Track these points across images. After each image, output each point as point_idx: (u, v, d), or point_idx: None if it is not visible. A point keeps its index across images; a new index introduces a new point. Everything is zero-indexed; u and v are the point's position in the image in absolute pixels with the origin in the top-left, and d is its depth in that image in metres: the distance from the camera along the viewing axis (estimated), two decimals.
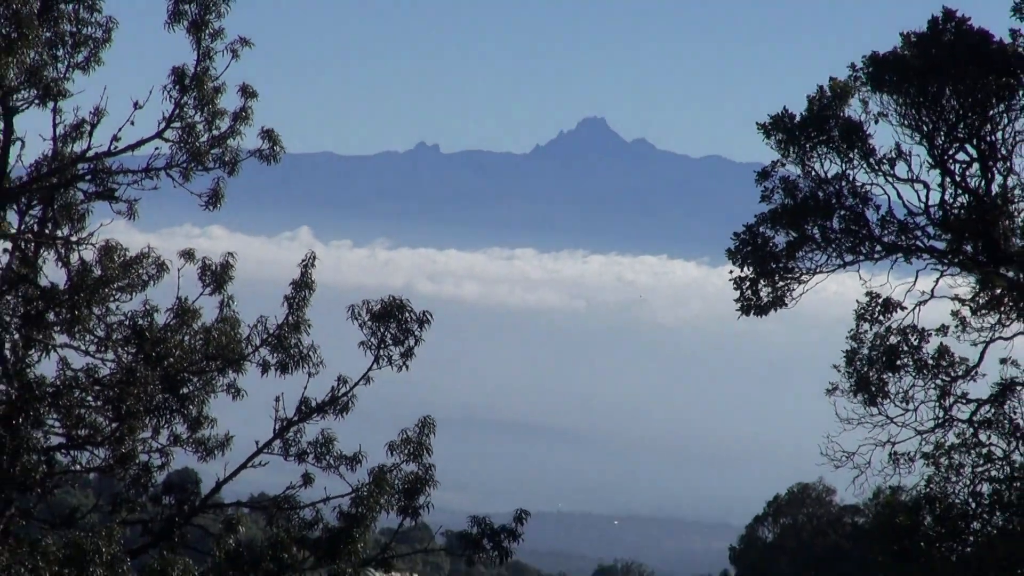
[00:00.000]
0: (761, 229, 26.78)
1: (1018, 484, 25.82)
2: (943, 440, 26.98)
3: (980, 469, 26.68)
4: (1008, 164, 26.15)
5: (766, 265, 26.60)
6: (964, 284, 27.21)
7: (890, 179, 26.76)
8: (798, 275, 26.84)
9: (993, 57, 25.63)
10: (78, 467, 23.02)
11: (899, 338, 27.02)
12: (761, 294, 26.89)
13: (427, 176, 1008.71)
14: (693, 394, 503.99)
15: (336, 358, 22.59)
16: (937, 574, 24.84)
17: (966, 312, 27.30)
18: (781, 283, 26.83)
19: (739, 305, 26.85)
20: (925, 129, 26.17)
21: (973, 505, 26.38)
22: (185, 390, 22.35)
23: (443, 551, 23.54)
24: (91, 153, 22.45)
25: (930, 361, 27.09)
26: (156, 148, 22.45)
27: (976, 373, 27.34)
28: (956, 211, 26.44)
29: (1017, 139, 26.13)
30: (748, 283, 26.87)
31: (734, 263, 27.01)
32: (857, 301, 27.11)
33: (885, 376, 26.83)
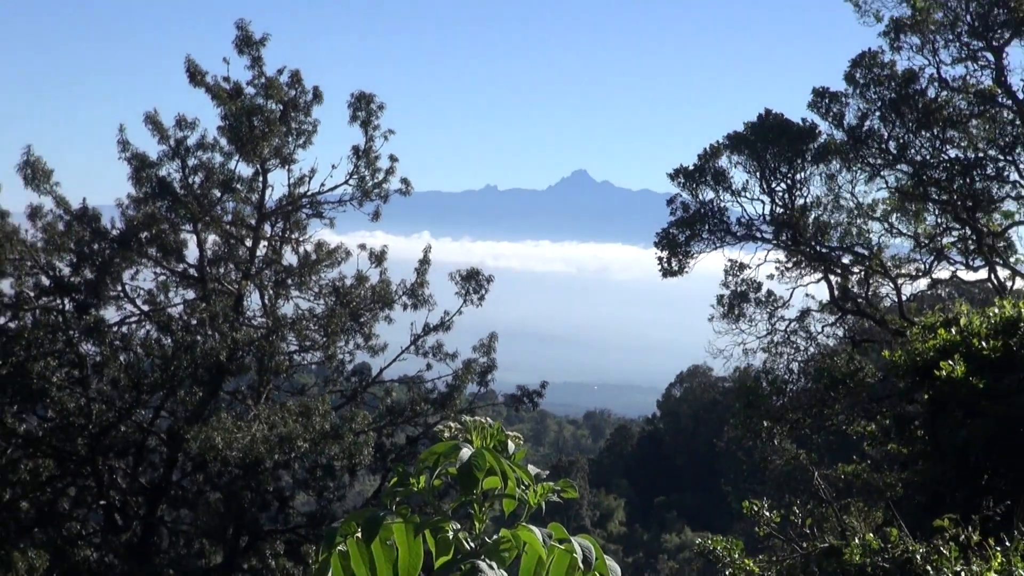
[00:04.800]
0: (671, 230, 36.02)
1: (812, 363, 35.00)
2: (772, 340, 36.39)
3: (792, 355, 36.46)
4: (803, 190, 35.69)
5: (674, 249, 36.02)
6: (781, 255, 36.66)
7: (740, 199, 35.95)
8: (691, 254, 36.15)
9: (793, 133, 35.08)
10: (305, 361, 31.24)
11: (746, 286, 36.47)
12: (672, 265, 35.99)
13: (490, 204, 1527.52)
14: (639, 317, 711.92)
15: (443, 301, 31.70)
16: (768, 415, 33.11)
17: (782, 270, 36.72)
18: (682, 259, 36.12)
19: (660, 271, 36.09)
20: (758, 172, 35.59)
21: (789, 375, 35.63)
22: (362, 319, 30.10)
23: (502, 404, 32.56)
24: (309, 192, 30.44)
25: (763, 298, 36.58)
26: (344, 190, 30.68)
27: (788, 304, 36.75)
28: (776, 216, 35.67)
29: (807, 176, 35.71)
30: (665, 260, 36.02)
31: (657, 248, 36.18)
32: (724, 267, 36.45)
33: (739, 307, 36.41)
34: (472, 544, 4.06)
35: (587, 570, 3.96)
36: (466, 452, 4.00)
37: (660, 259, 36.10)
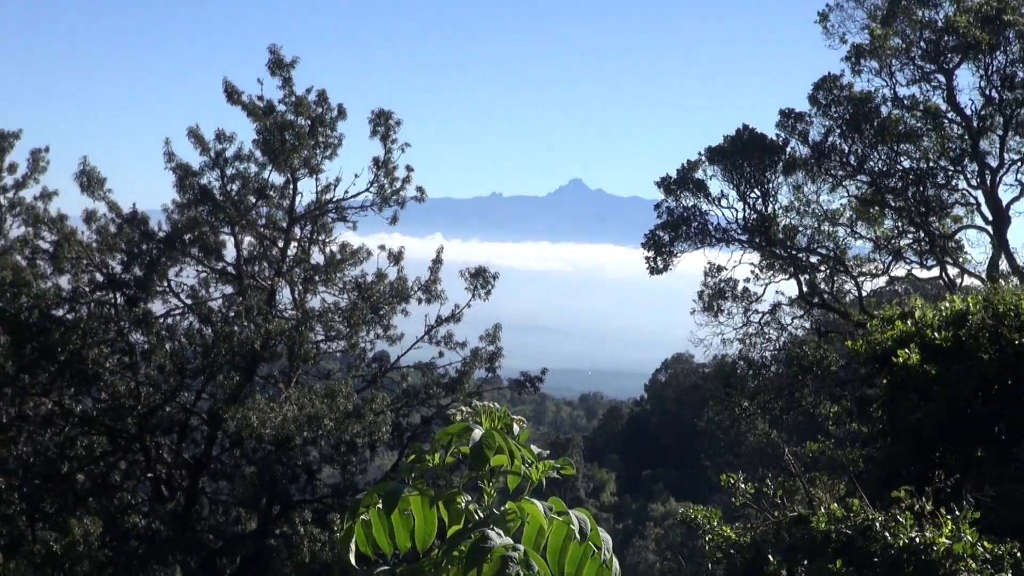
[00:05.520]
0: (657, 232, 36.02)
1: (783, 352, 35.32)
2: (747, 331, 36.47)
3: (765, 345, 36.60)
4: (774, 198, 35.80)
5: (659, 250, 36.01)
6: (755, 256, 36.52)
7: (718, 206, 35.92)
8: (675, 254, 36.11)
9: (765, 147, 35.20)
10: (330, 349, 30.99)
11: (724, 283, 36.51)
12: (658, 264, 35.94)
13: (496, 209, 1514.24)
14: (629, 310, 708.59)
15: (453, 296, 31.14)
16: (743, 398, 33.82)
17: (756, 269, 36.56)
18: (666, 258, 36.06)
19: (648, 270, 35.97)
20: (734, 182, 35.58)
21: (762, 362, 35.72)
22: (381, 312, 29.96)
23: (507, 388, 31.56)
24: (334, 199, 30.17)
25: (739, 294, 36.63)
26: (366, 196, 30.37)
27: (761, 299, 36.70)
28: (750, 221, 35.65)
29: (778, 186, 35.80)
30: (651, 259, 36.02)
31: (645, 249, 36.15)
32: (704, 266, 36.39)
33: (718, 302, 36.46)
34: (481, 515, 4.07)
35: (582, 540, 3.96)
36: (478, 433, 4.01)
37: (647, 258, 36.12)
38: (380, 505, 4.07)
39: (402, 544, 4.11)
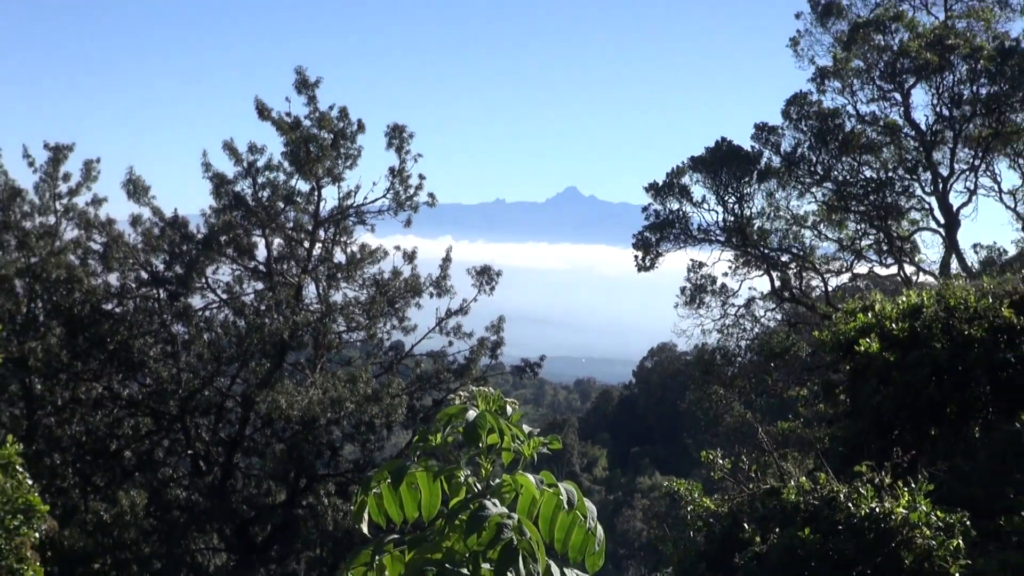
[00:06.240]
0: (644, 233, 35.89)
1: (756, 341, 34.91)
2: (724, 323, 36.47)
3: (740, 334, 36.49)
4: (749, 203, 35.58)
5: (647, 249, 35.90)
6: (732, 254, 36.40)
7: (700, 209, 35.79)
8: (660, 253, 35.99)
9: (741, 157, 35.04)
10: (351, 339, 30.88)
11: (704, 280, 36.40)
12: (645, 262, 35.75)
13: (499, 213, 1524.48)
14: (619, 304, 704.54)
15: (461, 291, 31.02)
16: (721, 382, 34.07)
17: (733, 267, 36.53)
18: (653, 257, 35.95)
19: (636, 267, 35.75)
20: (714, 188, 35.44)
21: (737, 350, 36.02)
22: (397, 305, 29.75)
23: (509, 374, 31.12)
24: (354, 204, 29.91)
25: (717, 289, 36.54)
26: (383, 202, 30.09)
27: (737, 294, 36.66)
28: (728, 223, 35.55)
29: (753, 192, 35.46)
30: (639, 258, 35.88)
31: (634, 248, 36.04)
32: (687, 264, 36.30)
33: (698, 296, 36.34)
34: (479, 487, 4.06)
35: (570, 509, 3.96)
36: (471, 414, 4.01)
37: (636, 257, 36.08)
38: (390, 480, 4.08)
39: (410, 514, 4.11)
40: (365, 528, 4.13)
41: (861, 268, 36.94)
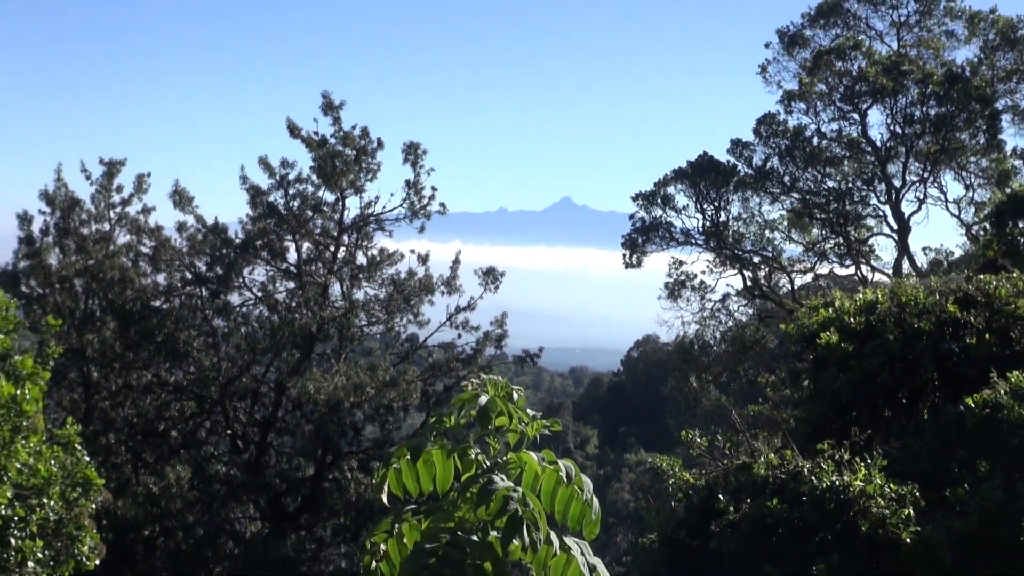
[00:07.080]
0: (631, 235, 35.73)
1: (730, 333, 34.82)
2: (702, 316, 36.21)
3: (716, 327, 36.24)
4: (726, 210, 35.51)
5: (633, 250, 35.70)
6: (710, 256, 36.04)
7: (681, 216, 35.69)
8: (646, 253, 35.74)
9: (719, 169, 34.93)
10: (372, 332, 30.74)
11: (684, 277, 36.25)
12: (632, 261, 35.61)
13: (503, 220, 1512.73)
14: (609, 300, 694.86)
15: (469, 289, 30.71)
16: (698, 368, 33.77)
17: (710, 267, 36.27)
18: (639, 256, 35.75)
19: (624, 266, 35.75)
20: (695, 196, 35.32)
21: (713, 341, 35.78)
22: (412, 302, 29.40)
23: (511, 363, 30.74)
24: (374, 213, 29.55)
25: (696, 286, 36.18)
26: (399, 211, 29.65)
27: (714, 290, 36.42)
28: (706, 228, 35.50)
29: (729, 200, 35.30)
30: (627, 257, 35.77)
31: (623, 247, 35.88)
32: (669, 263, 36.21)
33: (679, 292, 36.14)
34: (488, 464, 4.07)
35: (569, 483, 3.97)
36: (483, 399, 4.02)
37: (624, 255, 36.01)
38: (408, 456, 4.09)
39: (426, 487, 4.13)
40: (385, 499, 4.15)
41: (823, 268, 36.99)
